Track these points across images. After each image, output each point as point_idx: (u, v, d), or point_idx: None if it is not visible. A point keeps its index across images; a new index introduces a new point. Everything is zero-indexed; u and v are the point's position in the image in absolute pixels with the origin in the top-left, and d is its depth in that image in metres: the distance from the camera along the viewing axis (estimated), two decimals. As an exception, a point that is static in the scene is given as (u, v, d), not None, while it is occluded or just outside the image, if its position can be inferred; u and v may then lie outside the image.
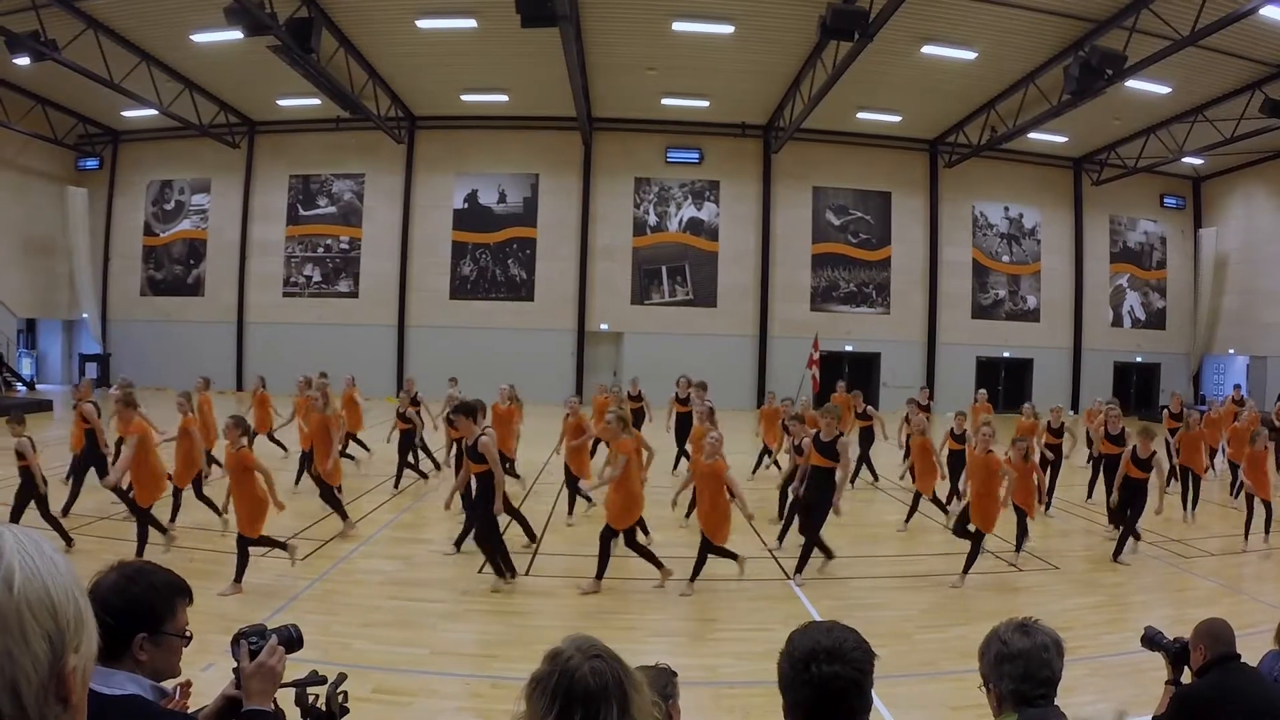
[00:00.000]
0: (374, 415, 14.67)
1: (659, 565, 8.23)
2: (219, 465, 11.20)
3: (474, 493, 8.26)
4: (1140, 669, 5.59)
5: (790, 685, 1.90)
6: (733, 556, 8.25)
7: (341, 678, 2.42)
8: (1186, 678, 3.55)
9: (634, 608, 7.82)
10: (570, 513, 11.23)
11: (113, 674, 1.96)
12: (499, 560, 8.12)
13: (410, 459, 13.25)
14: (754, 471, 14.34)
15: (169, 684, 2.17)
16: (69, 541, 8.83)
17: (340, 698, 2.39)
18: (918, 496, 11.32)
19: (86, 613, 0.97)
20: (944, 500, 11.60)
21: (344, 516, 10.04)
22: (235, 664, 2.20)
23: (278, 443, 14.87)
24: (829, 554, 8.97)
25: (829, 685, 1.85)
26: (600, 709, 1.61)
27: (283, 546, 8.13)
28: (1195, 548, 10.52)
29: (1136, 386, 29.76)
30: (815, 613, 7.61)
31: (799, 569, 8.69)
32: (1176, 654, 3.53)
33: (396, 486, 12.78)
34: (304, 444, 12.09)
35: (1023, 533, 9.57)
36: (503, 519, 8.64)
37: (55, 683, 0.91)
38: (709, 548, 8.20)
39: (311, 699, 2.34)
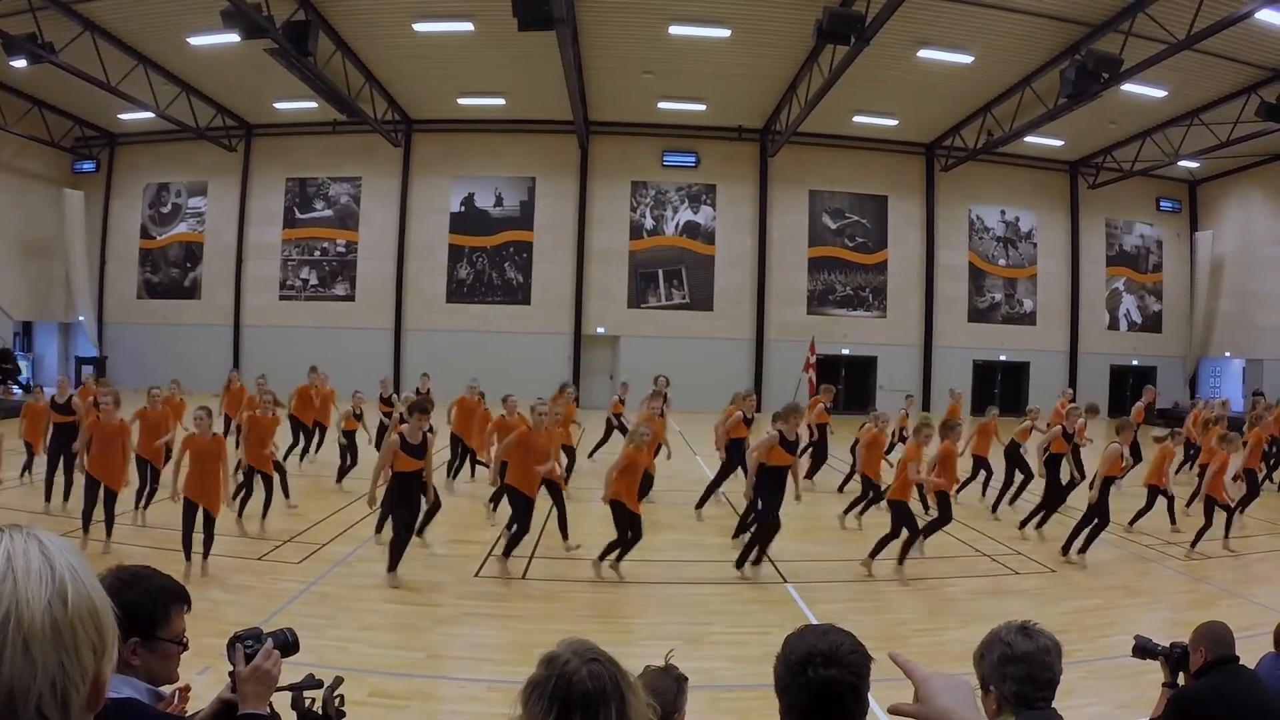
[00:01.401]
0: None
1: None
2: None
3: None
4: (1137, 672, 5.58)
5: (787, 689, 1.89)
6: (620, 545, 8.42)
7: (338, 681, 2.41)
8: (1182, 681, 3.55)
9: (629, 610, 7.82)
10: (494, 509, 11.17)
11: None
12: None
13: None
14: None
15: (167, 689, 2.16)
16: None
17: (336, 701, 2.38)
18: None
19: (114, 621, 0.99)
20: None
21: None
22: (231, 668, 2.19)
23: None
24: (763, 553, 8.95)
25: (825, 689, 1.84)
26: (599, 713, 1.61)
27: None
28: (1193, 550, 10.51)
29: (1132, 389, 29.71)
30: (812, 616, 7.60)
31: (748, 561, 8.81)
32: (1177, 658, 3.53)
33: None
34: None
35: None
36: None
37: (92, 691, 0.93)
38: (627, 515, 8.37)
39: (308, 703, 2.33)
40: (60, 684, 0.88)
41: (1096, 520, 9.58)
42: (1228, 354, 29.03)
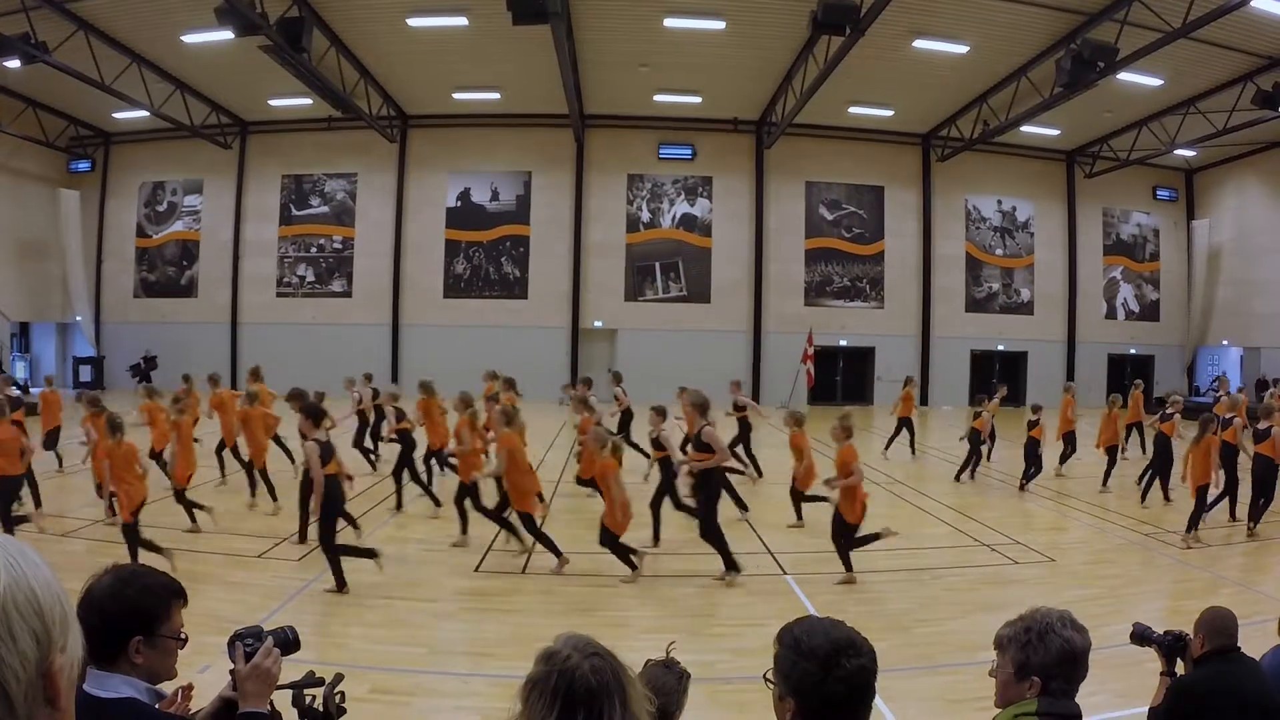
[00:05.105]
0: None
1: (556, 553, 8.50)
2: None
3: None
4: (1137, 660, 5.58)
5: (817, 685, 1.79)
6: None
7: (338, 678, 2.41)
8: (1180, 670, 3.54)
9: (627, 604, 7.82)
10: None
11: (108, 677, 1.96)
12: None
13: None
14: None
15: (168, 686, 2.17)
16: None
17: (337, 698, 2.39)
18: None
19: (72, 615, 0.96)
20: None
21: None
22: (232, 666, 2.19)
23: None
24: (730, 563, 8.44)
25: (858, 679, 1.80)
26: (603, 707, 1.60)
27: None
28: (1194, 538, 10.51)
29: (1130, 379, 29.76)
30: (811, 608, 7.61)
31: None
32: (1169, 646, 3.52)
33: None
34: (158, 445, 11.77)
35: None
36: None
37: (43, 682, 0.91)
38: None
39: (308, 700, 2.33)
40: None
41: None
42: (1225, 342, 29.06)
